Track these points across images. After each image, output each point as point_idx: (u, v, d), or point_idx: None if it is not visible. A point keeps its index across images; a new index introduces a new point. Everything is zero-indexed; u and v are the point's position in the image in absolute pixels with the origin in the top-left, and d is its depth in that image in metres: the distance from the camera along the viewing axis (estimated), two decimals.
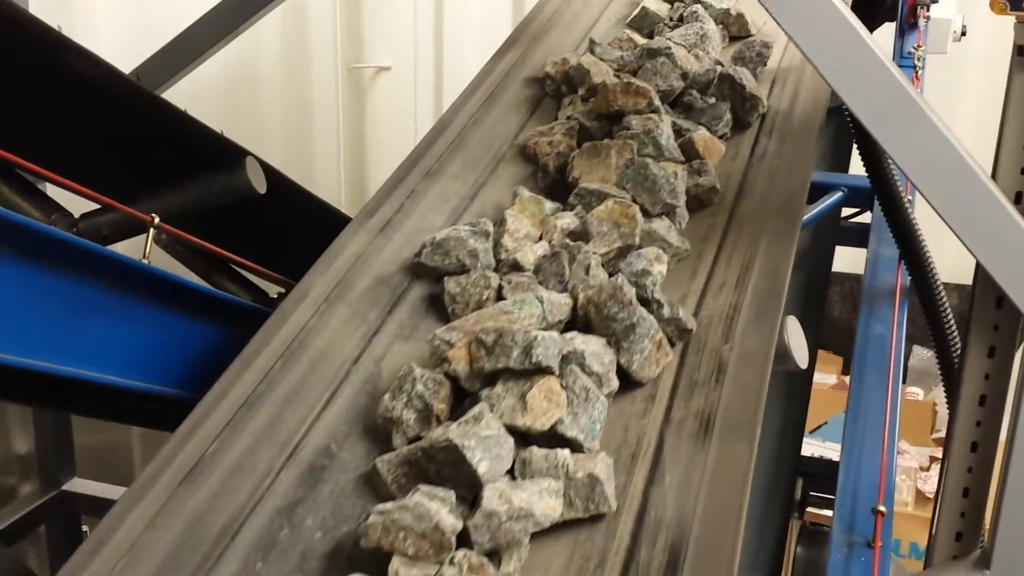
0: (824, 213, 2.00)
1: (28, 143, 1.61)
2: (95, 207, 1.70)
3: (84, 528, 3.30)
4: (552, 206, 1.42)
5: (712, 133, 1.57)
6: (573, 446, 1.03)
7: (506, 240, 1.30)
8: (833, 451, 2.55)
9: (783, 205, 1.44)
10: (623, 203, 1.33)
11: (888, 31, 2.60)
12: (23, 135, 1.64)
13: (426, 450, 0.98)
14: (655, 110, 1.54)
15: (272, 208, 1.91)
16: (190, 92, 2.87)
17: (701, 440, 1.05)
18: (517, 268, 1.27)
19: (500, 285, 1.23)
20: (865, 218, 2.20)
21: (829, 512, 1.47)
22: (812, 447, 3.26)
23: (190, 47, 2.80)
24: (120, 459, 3.72)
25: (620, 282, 1.16)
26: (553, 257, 1.27)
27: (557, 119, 1.65)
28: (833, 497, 1.46)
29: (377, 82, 4.43)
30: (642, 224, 1.32)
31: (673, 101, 1.65)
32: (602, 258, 1.28)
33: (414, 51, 4.28)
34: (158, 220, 1.64)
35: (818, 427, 3.56)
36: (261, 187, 1.81)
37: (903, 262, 1.79)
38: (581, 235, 1.33)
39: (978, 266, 1.16)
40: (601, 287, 1.17)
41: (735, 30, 1.97)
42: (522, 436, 1.02)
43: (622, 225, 1.31)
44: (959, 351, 1.55)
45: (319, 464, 1.05)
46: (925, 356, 3.94)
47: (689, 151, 1.50)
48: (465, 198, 1.47)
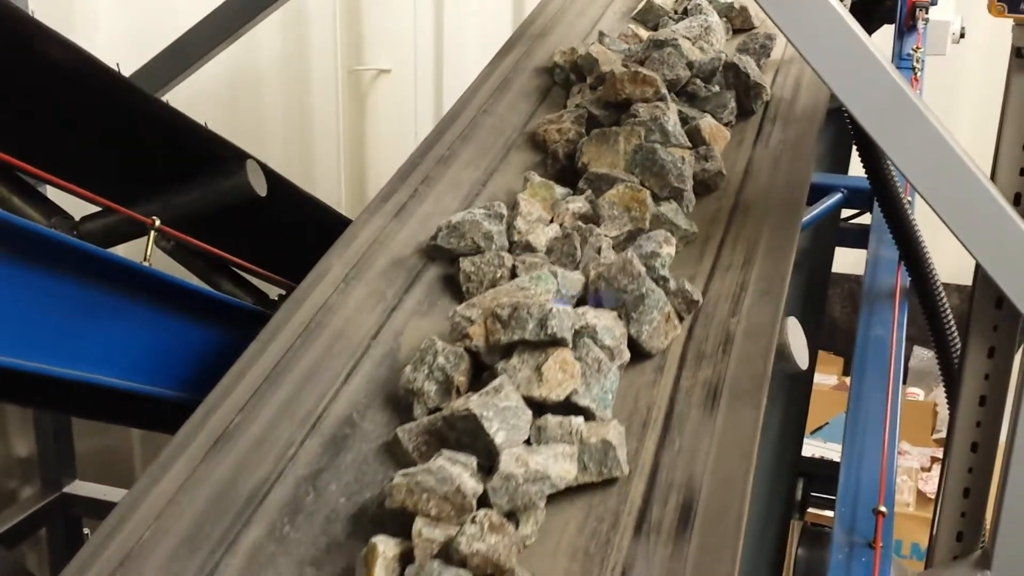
0: (824, 214, 2.00)
1: (29, 146, 1.61)
2: (96, 210, 1.70)
3: (85, 531, 3.30)
4: (562, 191, 1.45)
5: (717, 120, 1.61)
6: (586, 415, 1.06)
7: (519, 223, 1.34)
8: (834, 452, 2.55)
9: (787, 189, 1.47)
10: (634, 187, 1.37)
11: (887, 33, 2.60)
12: (24, 138, 1.64)
13: (447, 419, 1.01)
14: (661, 98, 1.58)
15: (272, 210, 1.91)
16: (190, 95, 2.88)
17: (709, 407, 1.09)
18: (530, 249, 1.31)
19: (514, 265, 1.27)
20: (865, 219, 2.19)
21: (830, 513, 1.47)
22: (813, 448, 3.26)
23: (190, 50, 2.81)
24: (121, 462, 3.72)
25: (630, 256, 1.20)
26: (565, 239, 1.31)
27: (566, 107, 1.69)
28: (834, 498, 1.46)
29: (377, 84, 4.43)
30: (652, 208, 1.36)
31: (679, 90, 1.69)
32: (612, 240, 1.32)
33: (414, 53, 4.28)
34: (159, 222, 1.64)
35: (819, 428, 3.56)
36: (261, 189, 1.82)
37: (903, 263, 1.79)
38: (591, 218, 1.37)
39: (977, 267, 1.16)
40: (612, 263, 1.21)
41: (738, 23, 2.01)
42: (538, 406, 1.05)
43: (633, 209, 1.35)
44: (959, 352, 1.55)
45: (342, 433, 1.09)
46: (926, 357, 3.94)
47: (696, 138, 1.54)
48: (477, 183, 1.51)
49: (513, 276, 1.27)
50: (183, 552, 0.95)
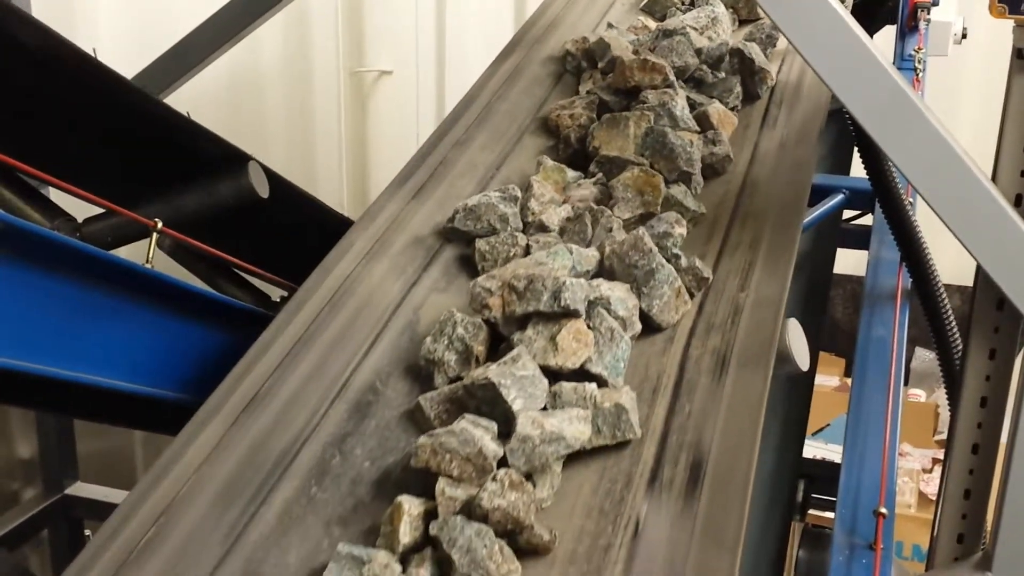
0: (825, 215, 2.00)
1: (31, 148, 1.62)
2: (98, 212, 1.71)
3: (87, 532, 3.31)
4: (574, 174, 1.49)
5: (724, 105, 1.64)
6: (599, 381, 1.10)
7: (532, 204, 1.38)
8: (836, 453, 2.55)
9: (793, 169, 1.51)
10: (648, 172, 1.41)
11: (889, 34, 2.60)
12: (26, 140, 1.65)
13: (467, 387, 1.06)
14: (670, 85, 1.61)
15: (274, 212, 1.91)
16: (193, 97, 2.88)
17: (718, 373, 1.13)
18: (543, 229, 1.35)
19: (527, 244, 1.32)
20: (866, 220, 2.19)
21: (831, 514, 1.47)
22: (815, 449, 3.26)
23: (193, 52, 2.81)
24: (122, 463, 3.73)
25: (641, 233, 1.25)
26: (576, 219, 1.35)
27: (578, 93, 1.73)
28: (835, 499, 1.46)
29: (379, 86, 4.43)
30: (664, 192, 1.40)
31: (687, 78, 1.72)
32: (624, 223, 1.35)
33: (415, 55, 4.28)
34: (161, 224, 1.65)
35: (820, 429, 3.56)
36: (263, 191, 1.82)
37: (904, 264, 1.79)
38: (601, 201, 1.41)
39: (978, 268, 1.16)
40: (624, 240, 1.26)
41: (745, 13, 2.03)
42: (553, 374, 1.09)
43: (646, 193, 1.39)
44: (960, 353, 1.55)
45: (366, 400, 1.13)
46: (927, 358, 3.94)
47: (704, 123, 1.58)
48: (491, 167, 1.55)
49: (527, 255, 1.30)
50: (219, 506, 1.00)
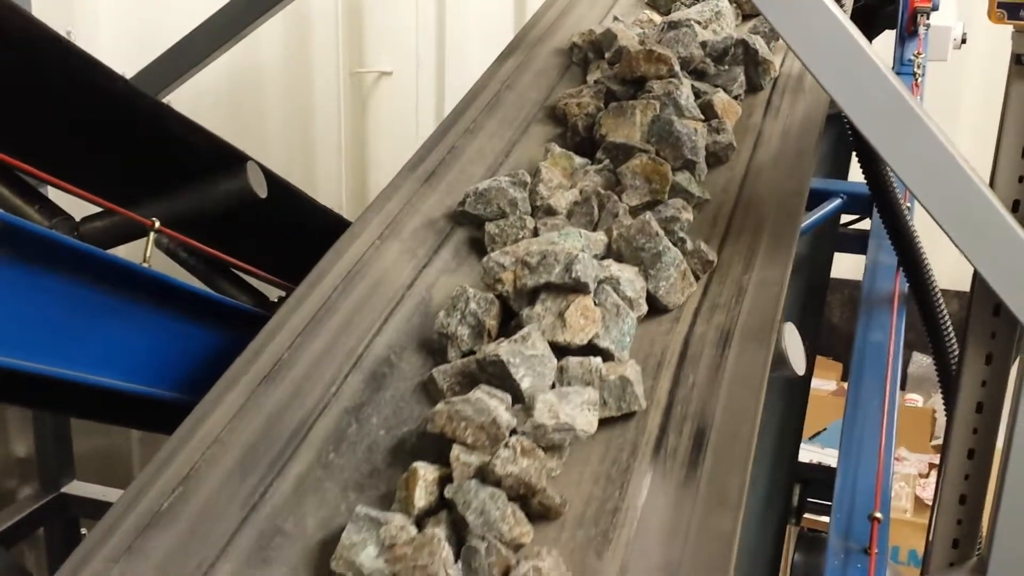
0: (823, 220, 2.00)
1: (29, 147, 1.61)
2: (96, 211, 1.70)
3: (83, 531, 3.30)
4: (581, 161, 1.53)
5: (728, 95, 1.67)
6: (605, 355, 1.15)
7: (541, 189, 1.41)
8: (832, 457, 2.55)
9: (796, 158, 1.55)
10: (656, 160, 1.44)
11: (888, 39, 2.61)
12: (24, 139, 1.65)
13: (480, 362, 1.10)
14: (675, 75, 1.64)
15: (273, 212, 1.91)
16: (192, 96, 2.88)
17: (721, 348, 1.17)
18: (551, 213, 1.39)
19: (536, 227, 1.36)
20: (864, 225, 2.20)
21: (827, 518, 1.47)
22: (811, 453, 3.25)
23: (192, 52, 2.81)
24: (119, 462, 3.72)
25: (648, 217, 1.29)
26: (584, 202, 1.39)
27: (585, 83, 1.76)
28: (831, 503, 1.46)
29: (379, 87, 4.44)
30: (671, 180, 1.43)
31: (691, 69, 1.75)
32: (631, 209, 1.39)
33: (415, 56, 4.29)
34: (159, 224, 1.64)
35: (817, 433, 3.56)
36: (262, 191, 1.82)
37: (902, 269, 1.79)
38: (608, 186, 1.44)
39: (975, 274, 1.16)
40: (631, 224, 1.30)
41: (748, 8, 2.05)
42: (561, 350, 1.14)
43: (653, 181, 1.42)
44: (957, 358, 1.55)
45: (381, 372, 1.18)
46: (925, 363, 3.94)
47: (708, 111, 1.62)
48: (500, 154, 1.59)
49: (535, 237, 1.33)
50: (237, 474, 1.03)
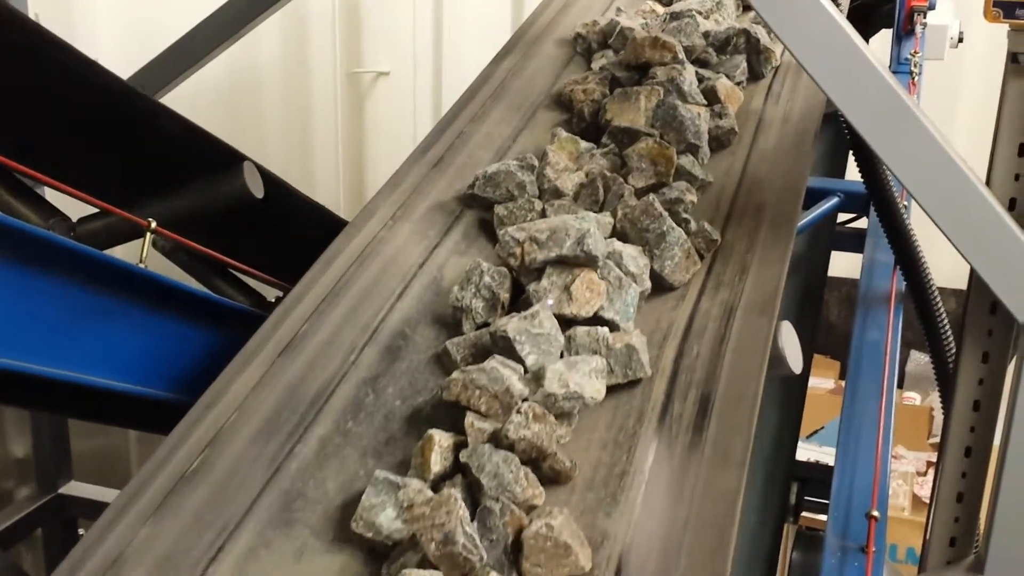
0: (820, 218, 2.00)
1: (26, 147, 1.61)
2: (92, 211, 1.70)
3: (80, 531, 3.30)
4: (587, 145, 1.56)
5: (730, 81, 1.70)
6: (611, 327, 1.18)
7: (548, 171, 1.45)
8: (830, 456, 2.55)
9: (797, 141, 1.59)
10: (661, 144, 1.47)
11: (885, 38, 2.61)
12: (21, 140, 1.64)
13: (492, 335, 1.15)
14: (679, 62, 1.67)
15: (269, 213, 1.91)
16: (190, 97, 2.88)
17: (725, 320, 1.21)
18: (558, 194, 1.42)
19: (543, 209, 1.40)
20: (861, 224, 2.20)
21: (824, 517, 1.47)
22: (809, 452, 3.25)
23: (190, 52, 2.81)
24: (117, 463, 3.72)
25: (651, 199, 1.33)
26: (590, 184, 1.42)
27: (590, 70, 1.79)
28: (828, 502, 1.46)
29: (376, 87, 4.43)
30: (676, 163, 1.46)
31: (694, 59, 1.78)
32: (636, 191, 1.42)
33: (413, 56, 4.28)
34: (155, 224, 1.64)
35: (815, 432, 3.56)
36: (258, 192, 1.82)
37: (899, 267, 1.79)
38: (613, 170, 1.47)
39: (972, 272, 1.16)
40: (635, 205, 1.34)
41: None
42: (568, 322, 1.18)
43: (659, 164, 1.45)
44: (954, 356, 1.55)
45: (396, 344, 1.21)
46: (922, 361, 3.94)
47: (711, 97, 1.65)
48: (508, 139, 1.63)
49: (544, 218, 1.36)
50: (261, 438, 1.07)
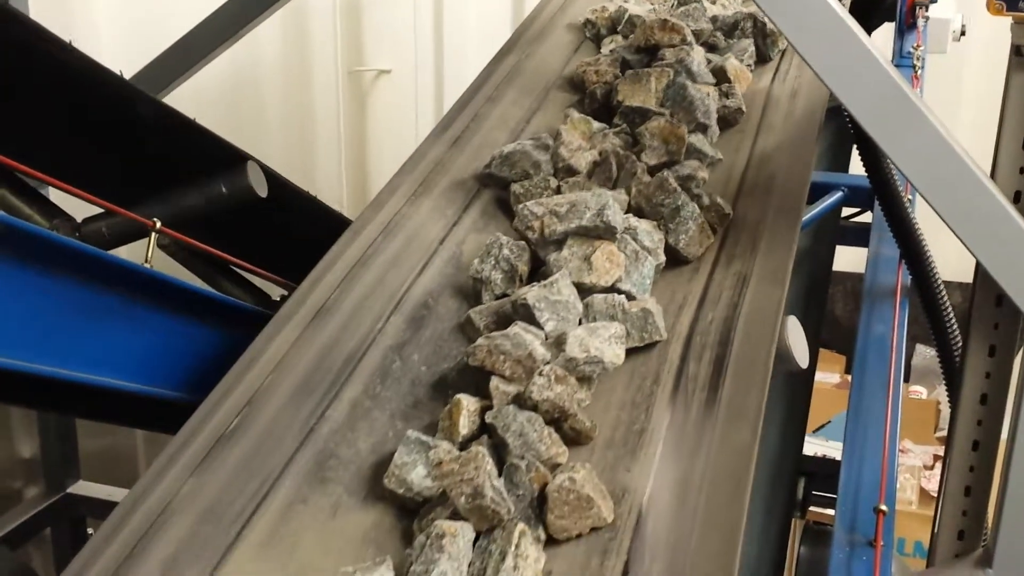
0: (825, 212, 2.00)
1: (30, 148, 1.62)
2: (97, 211, 1.71)
3: (89, 530, 3.31)
4: (599, 125, 1.60)
5: (739, 62, 1.74)
6: (628, 297, 1.22)
7: (562, 150, 1.48)
8: (836, 450, 2.55)
9: (804, 119, 1.63)
10: (672, 123, 1.50)
11: (888, 31, 2.60)
12: (25, 140, 1.65)
13: (512, 303, 1.19)
14: (688, 44, 1.71)
15: (273, 211, 1.92)
16: (192, 96, 2.88)
17: (739, 289, 1.25)
18: (572, 172, 1.46)
19: (558, 186, 1.43)
20: (866, 218, 2.19)
21: (832, 511, 1.47)
22: (815, 446, 3.26)
23: (192, 51, 2.82)
24: (124, 462, 3.73)
25: (666, 175, 1.37)
26: (603, 162, 1.46)
27: (600, 53, 1.83)
28: (835, 496, 1.46)
29: (378, 85, 4.43)
30: (687, 141, 1.49)
31: (702, 43, 1.81)
32: (649, 168, 1.45)
33: (414, 54, 4.28)
34: (160, 224, 1.65)
35: (821, 426, 3.56)
36: (262, 191, 1.82)
37: (904, 261, 1.78)
38: (626, 148, 1.51)
39: (978, 265, 1.16)
40: (650, 181, 1.38)
41: None
42: (587, 291, 1.22)
43: (670, 142, 1.48)
44: (960, 350, 1.55)
45: (420, 314, 1.26)
46: (929, 355, 3.94)
47: (720, 76, 1.70)
48: (522, 120, 1.67)
49: (559, 195, 1.39)
50: (296, 399, 1.11)
